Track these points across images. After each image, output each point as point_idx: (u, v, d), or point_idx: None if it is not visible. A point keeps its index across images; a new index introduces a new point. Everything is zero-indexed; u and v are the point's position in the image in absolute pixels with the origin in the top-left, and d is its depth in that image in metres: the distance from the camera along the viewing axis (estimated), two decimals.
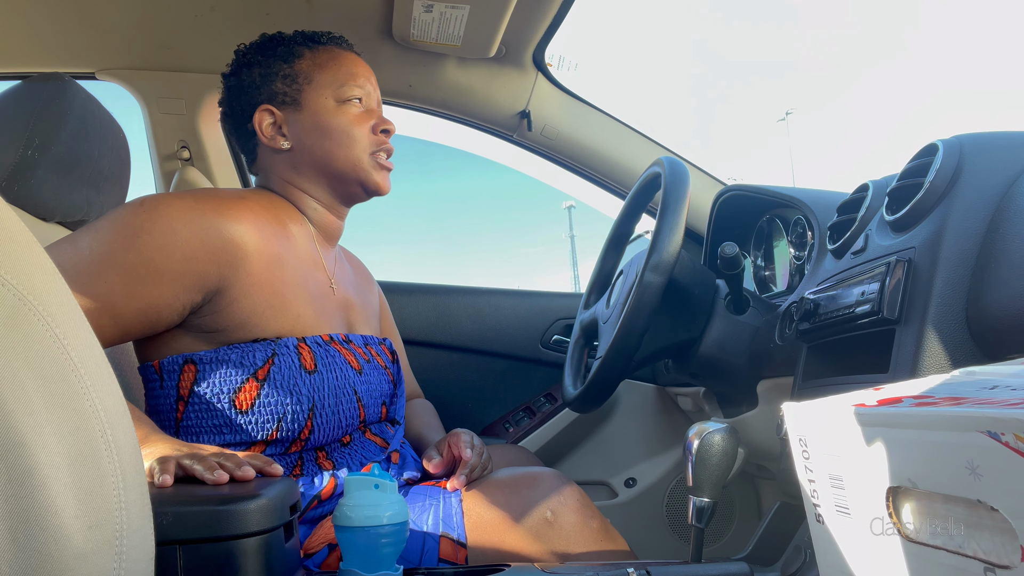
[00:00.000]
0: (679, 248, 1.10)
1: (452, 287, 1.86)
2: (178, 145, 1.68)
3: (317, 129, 1.00)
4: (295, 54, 1.03)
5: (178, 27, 1.49)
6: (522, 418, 1.79)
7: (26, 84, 1.03)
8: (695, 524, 0.83)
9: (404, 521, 0.70)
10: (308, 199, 1.03)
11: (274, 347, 0.89)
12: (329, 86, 1.01)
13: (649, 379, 1.81)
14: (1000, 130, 0.88)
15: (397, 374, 1.07)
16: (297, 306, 0.93)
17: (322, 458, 0.93)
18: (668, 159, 1.21)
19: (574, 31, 5.48)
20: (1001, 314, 0.72)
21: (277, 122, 1.01)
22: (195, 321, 0.88)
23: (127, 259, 0.82)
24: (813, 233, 1.23)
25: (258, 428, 0.87)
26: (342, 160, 1.01)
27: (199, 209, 0.87)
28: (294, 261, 0.95)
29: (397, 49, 1.56)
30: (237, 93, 1.03)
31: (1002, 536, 0.40)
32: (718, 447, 0.81)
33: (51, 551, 0.36)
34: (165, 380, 0.89)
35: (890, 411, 0.48)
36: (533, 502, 0.89)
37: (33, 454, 0.36)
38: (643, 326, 1.09)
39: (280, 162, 1.02)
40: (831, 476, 0.54)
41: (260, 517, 0.60)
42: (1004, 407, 0.40)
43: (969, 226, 0.79)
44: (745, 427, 1.26)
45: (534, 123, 1.71)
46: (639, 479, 1.76)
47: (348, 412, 0.93)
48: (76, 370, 0.39)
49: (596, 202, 1.86)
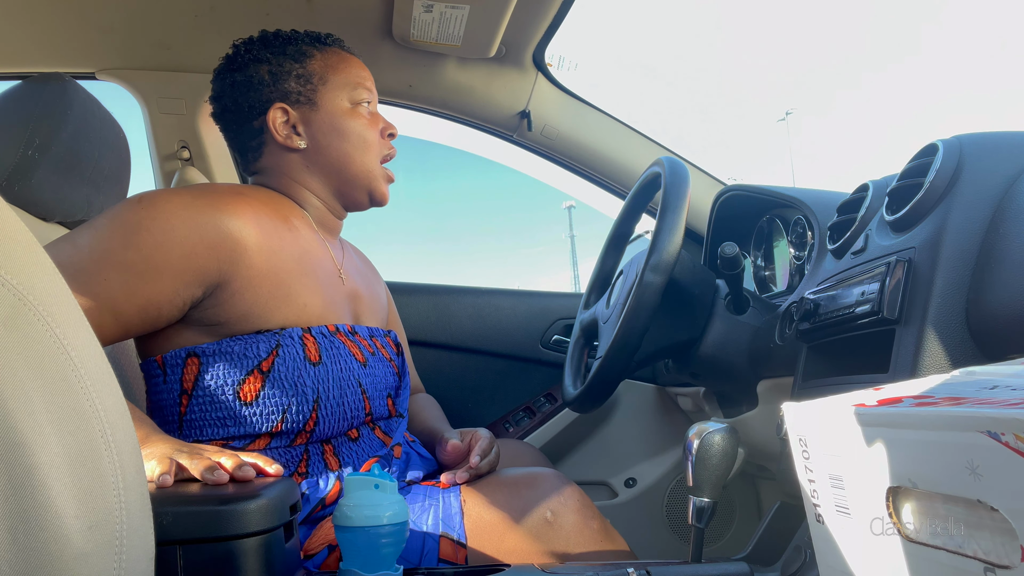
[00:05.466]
0: (679, 248, 1.10)
1: (452, 287, 1.86)
2: (178, 145, 1.68)
3: (335, 130, 1.01)
4: (305, 54, 1.03)
5: (178, 27, 1.49)
6: (522, 418, 1.79)
7: (26, 84, 1.03)
8: (695, 524, 0.83)
9: (404, 521, 0.69)
10: (311, 197, 1.03)
11: (278, 338, 0.88)
12: (343, 88, 1.03)
13: (649, 379, 1.81)
14: (1000, 130, 0.88)
15: (402, 366, 1.07)
16: (304, 295, 0.93)
17: (328, 453, 0.92)
18: (668, 159, 1.21)
19: (574, 31, 5.46)
20: (1001, 314, 0.72)
21: (291, 121, 1.01)
22: (196, 315, 0.88)
23: (126, 256, 0.82)
24: (813, 233, 1.23)
25: (262, 420, 0.87)
26: (358, 163, 1.03)
27: (197, 204, 0.87)
28: (299, 252, 0.95)
29: (397, 49, 1.56)
30: (244, 89, 1.02)
31: (1002, 536, 0.40)
32: (718, 447, 0.81)
33: (51, 551, 0.36)
34: (168, 374, 0.89)
35: (890, 411, 0.48)
36: (533, 502, 0.89)
37: (33, 454, 0.36)
38: (643, 326, 1.09)
39: (291, 161, 1.02)
40: (831, 476, 0.54)
41: (260, 517, 0.60)
42: (1004, 407, 0.40)
43: (969, 226, 0.79)
44: (745, 427, 1.26)
45: (534, 123, 1.71)
46: (639, 479, 1.76)
47: (353, 404, 0.92)
48: (76, 370, 0.39)
49: (596, 202, 1.86)
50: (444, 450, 1.01)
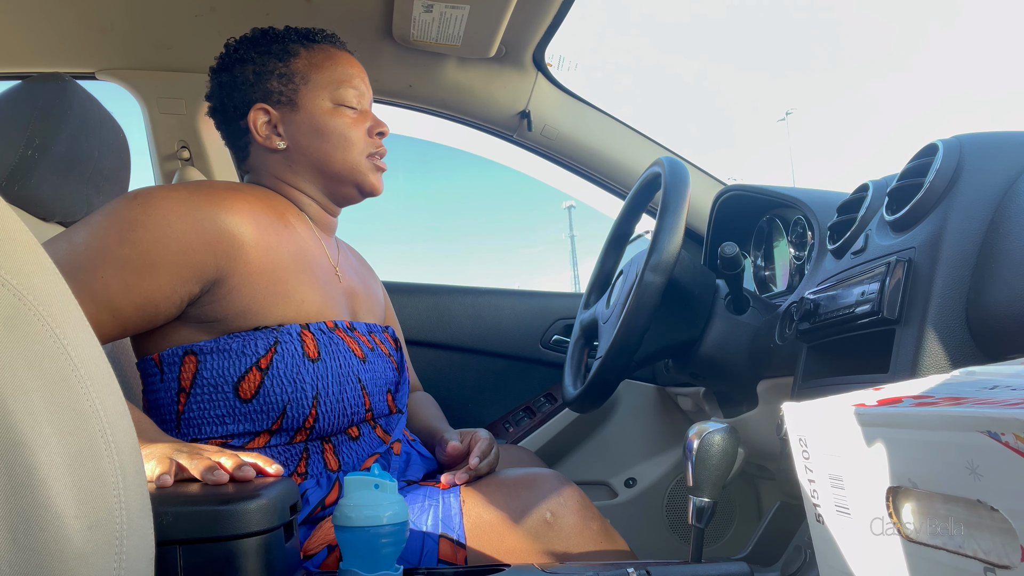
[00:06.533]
0: (679, 248, 1.10)
1: (452, 287, 1.86)
2: (178, 145, 1.68)
3: (314, 130, 1.00)
4: (290, 52, 1.02)
5: (178, 27, 1.49)
6: (522, 418, 1.79)
7: (26, 84, 1.03)
8: (695, 524, 0.83)
9: (404, 521, 0.69)
10: (302, 196, 1.03)
11: (276, 335, 0.88)
12: (326, 87, 1.01)
13: (649, 379, 1.81)
14: (1000, 130, 0.88)
15: (401, 362, 1.07)
16: (301, 292, 0.92)
17: (328, 452, 0.92)
18: (668, 159, 1.21)
19: (574, 31, 5.45)
20: (1001, 314, 0.72)
21: (272, 121, 1.00)
22: (194, 312, 0.88)
23: (123, 253, 0.82)
24: (813, 233, 1.23)
25: (261, 418, 0.87)
26: (339, 163, 1.01)
27: (194, 201, 0.87)
28: (295, 248, 0.95)
29: (397, 49, 1.56)
30: (230, 89, 1.02)
31: (1002, 536, 0.40)
32: (718, 447, 0.81)
33: (51, 551, 0.36)
34: (165, 372, 0.89)
35: (890, 411, 0.48)
36: (533, 503, 0.89)
37: (33, 454, 0.36)
38: (643, 326, 1.09)
39: (274, 161, 1.02)
40: (831, 476, 0.54)
41: (260, 517, 0.60)
42: (1004, 407, 0.40)
43: (969, 226, 0.79)
44: (745, 427, 1.26)
45: (534, 123, 1.71)
46: (639, 479, 1.77)
47: (352, 400, 0.92)
48: (76, 370, 0.39)
49: (596, 202, 1.86)
50: (444, 451, 1.01)
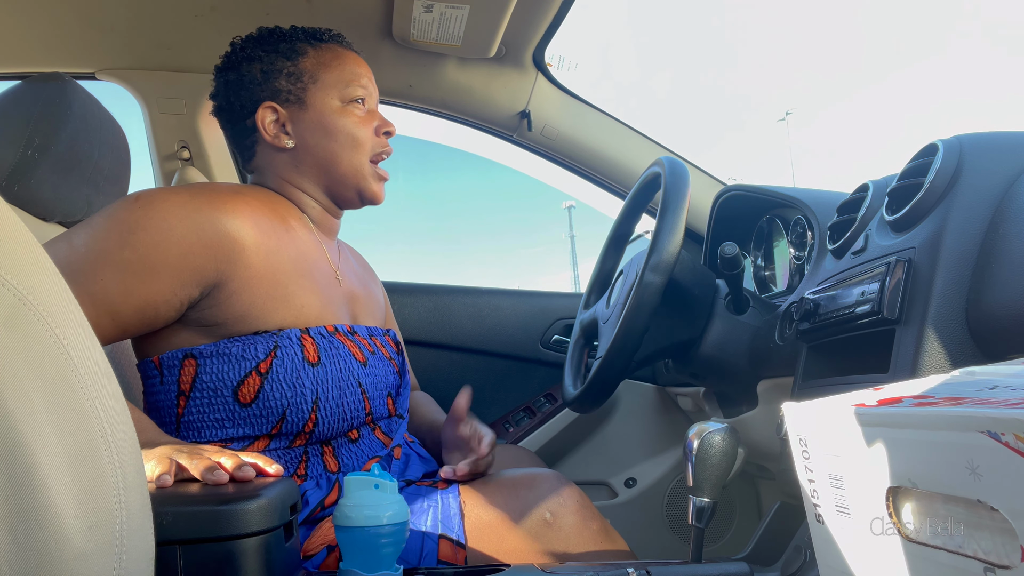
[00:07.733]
0: (679, 248, 1.10)
1: (452, 287, 1.86)
2: (178, 145, 1.68)
3: (322, 129, 1.00)
4: (298, 51, 1.02)
5: (178, 27, 1.49)
6: (522, 418, 1.79)
7: (26, 84, 1.03)
8: (695, 524, 0.83)
9: (404, 521, 0.69)
10: (306, 198, 1.03)
11: (276, 339, 0.88)
12: (334, 86, 1.01)
13: (649, 379, 1.81)
14: (1000, 130, 0.88)
15: (402, 365, 1.07)
16: (301, 296, 0.92)
17: (328, 455, 0.92)
18: (668, 159, 1.21)
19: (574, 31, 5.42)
20: (1001, 314, 0.72)
21: (280, 120, 1.00)
22: (194, 315, 0.88)
23: (123, 256, 0.82)
24: (813, 233, 1.23)
25: (261, 422, 0.87)
26: (346, 163, 1.01)
27: (194, 204, 0.86)
28: (296, 253, 0.95)
29: (397, 49, 1.56)
30: (236, 88, 1.02)
31: (1002, 536, 0.40)
32: (718, 447, 0.81)
33: (51, 551, 0.36)
34: (165, 375, 0.89)
35: (890, 411, 0.48)
36: (532, 503, 0.89)
37: (33, 454, 0.36)
38: (643, 326, 1.09)
39: (281, 160, 1.02)
40: (831, 476, 0.54)
41: (260, 517, 0.60)
42: (1004, 407, 0.40)
43: (969, 226, 0.79)
44: (745, 427, 1.26)
45: (534, 123, 1.71)
46: (639, 479, 1.77)
47: (352, 404, 0.92)
48: (76, 370, 0.39)
49: (596, 202, 1.86)
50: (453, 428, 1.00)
